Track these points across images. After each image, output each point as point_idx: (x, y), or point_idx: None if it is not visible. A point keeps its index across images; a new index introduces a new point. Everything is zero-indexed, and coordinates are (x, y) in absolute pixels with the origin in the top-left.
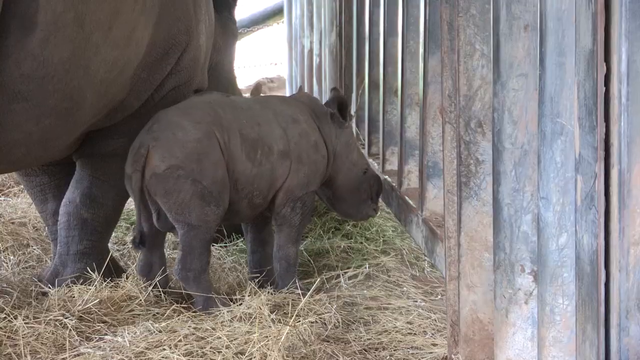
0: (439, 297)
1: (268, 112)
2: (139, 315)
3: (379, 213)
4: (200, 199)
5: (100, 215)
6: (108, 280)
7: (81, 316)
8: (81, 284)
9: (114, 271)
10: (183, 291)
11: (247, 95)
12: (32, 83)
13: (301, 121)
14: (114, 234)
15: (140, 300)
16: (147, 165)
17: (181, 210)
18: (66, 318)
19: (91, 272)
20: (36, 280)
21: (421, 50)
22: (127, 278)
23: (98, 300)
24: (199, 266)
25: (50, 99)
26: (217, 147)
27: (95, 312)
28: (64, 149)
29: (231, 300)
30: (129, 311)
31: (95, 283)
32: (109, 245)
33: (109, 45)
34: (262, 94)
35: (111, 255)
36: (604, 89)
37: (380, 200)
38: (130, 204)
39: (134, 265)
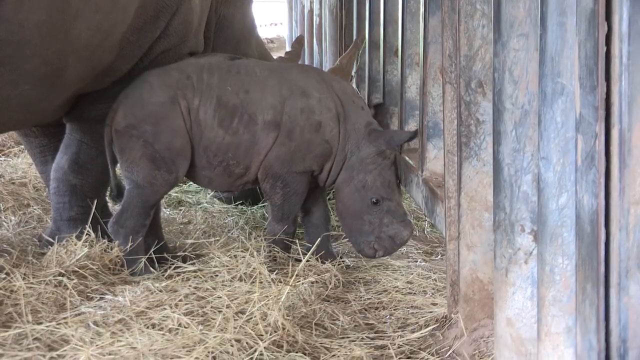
0: (439, 257)
1: (272, 80)
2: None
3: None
4: (150, 161)
5: (89, 181)
6: (103, 242)
7: (77, 271)
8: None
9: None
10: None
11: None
12: (7, 47)
13: (312, 97)
14: None
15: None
16: (113, 121)
17: (130, 168)
18: (63, 276)
19: (90, 232)
20: (36, 240)
21: (421, 9)
22: None
23: (87, 256)
24: (132, 225)
25: (28, 64)
26: (179, 113)
27: (92, 269)
28: (49, 113)
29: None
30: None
31: (80, 242)
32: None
33: (91, 9)
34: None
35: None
36: (604, 48)
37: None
38: None
39: None
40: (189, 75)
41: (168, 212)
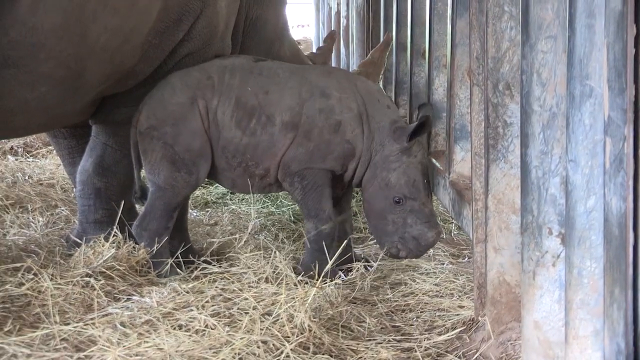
0: (466, 259)
1: (292, 82)
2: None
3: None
4: (170, 162)
5: (113, 184)
6: (130, 243)
7: (104, 271)
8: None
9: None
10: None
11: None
12: (21, 49)
13: (332, 97)
14: None
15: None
16: (137, 122)
17: (152, 170)
18: (91, 277)
19: (117, 233)
20: (63, 241)
21: (449, 11)
22: None
23: (114, 257)
24: (154, 227)
25: (43, 67)
26: (197, 114)
27: (119, 270)
28: (71, 116)
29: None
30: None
31: (108, 243)
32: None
33: (109, 12)
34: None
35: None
36: (633, 50)
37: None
38: None
39: None
40: (210, 75)
41: (195, 214)
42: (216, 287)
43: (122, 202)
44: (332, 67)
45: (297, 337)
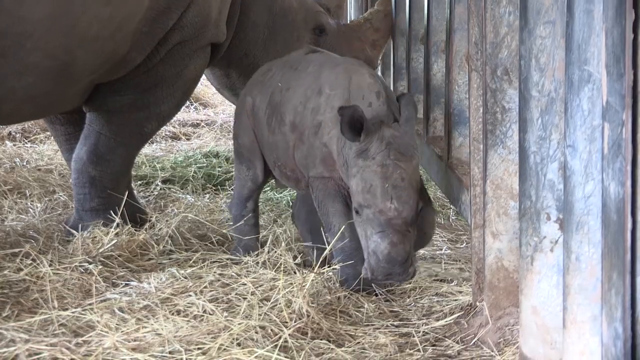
0: (464, 245)
1: (310, 78)
2: (163, 263)
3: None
4: (237, 154)
5: (107, 172)
6: (127, 228)
7: (103, 260)
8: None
9: (132, 220)
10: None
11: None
12: (6, 39)
13: (323, 94)
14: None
15: (155, 250)
16: None
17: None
18: (90, 264)
19: (114, 216)
20: (62, 227)
21: None
22: (149, 228)
23: (114, 244)
24: (235, 213)
25: (31, 57)
26: (245, 109)
27: (116, 257)
28: (62, 104)
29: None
30: (149, 259)
31: (111, 230)
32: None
33: (101, 2)
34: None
35: (129, 205)
36: (632, 35)
37: None
38: None
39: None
40: (270, 69)
41: (190, 198)
42: (214, 272)
43: (120, 189)
44: (344, 59)
45: (295, 322)
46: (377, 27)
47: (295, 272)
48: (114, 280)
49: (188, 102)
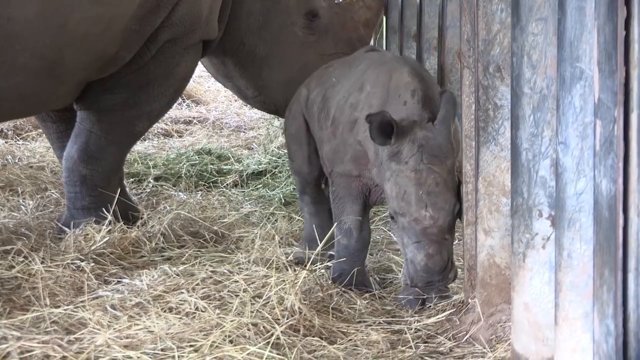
0: (456, 241)
1: (357, 74)
2: (155, 260)
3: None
4: (286, 147)
5: (98, 170)
6: (119, 225)
7: (95, 257)
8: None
9: (124, 217)
10: None
11: None
12: None
13: (364, 91)
14: None
15: (148, 247)
16: None
17: None
18: (82, 261)
19: (106, 214)
20: (54, 224)
21: None
22: (141, 225)
23: (106, 241)
24: (301, 205)
25: (20, 57)
26: (299, 103)
27: (108, 255)
28: (51, 102)
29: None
30: (141, 256)
31: (103, 228)
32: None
33: (88, 2)
34: None
35: (121, 202)
36: (624, 32)
37: None
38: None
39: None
40: (332, 64)
41: (182, 196)
42: (207, 269)
43: (111, 186)
44: (394, 57)
45: (287, 319)
46: (369, 4)
47: (287, 269)
48: (106, 278)
49: (180, 99)
